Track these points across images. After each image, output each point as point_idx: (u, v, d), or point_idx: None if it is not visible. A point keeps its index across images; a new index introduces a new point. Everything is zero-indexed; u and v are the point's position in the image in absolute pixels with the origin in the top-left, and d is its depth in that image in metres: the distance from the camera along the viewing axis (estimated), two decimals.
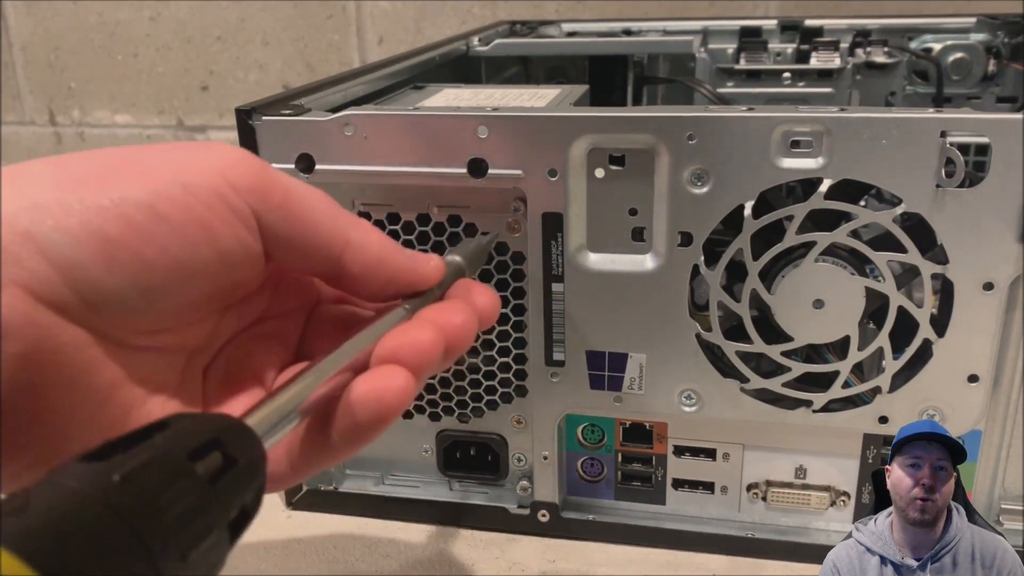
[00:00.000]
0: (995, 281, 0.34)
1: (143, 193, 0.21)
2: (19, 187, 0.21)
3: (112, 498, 0.15)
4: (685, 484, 0.42)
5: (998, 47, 0.65)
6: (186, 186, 0.22)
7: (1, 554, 0.14)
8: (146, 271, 0.21)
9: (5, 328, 0.19)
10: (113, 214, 0.21)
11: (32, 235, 0.20)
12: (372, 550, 0.42)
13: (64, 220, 0.20)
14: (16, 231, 0.20)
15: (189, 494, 0.17)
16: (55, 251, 0.20)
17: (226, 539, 0.18)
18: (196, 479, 0.17)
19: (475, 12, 0.98)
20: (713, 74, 0.68)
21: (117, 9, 1.08)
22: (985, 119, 0.32)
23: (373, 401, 0.23)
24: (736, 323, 0.37)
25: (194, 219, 0.22)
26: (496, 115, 0.36)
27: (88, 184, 0.21)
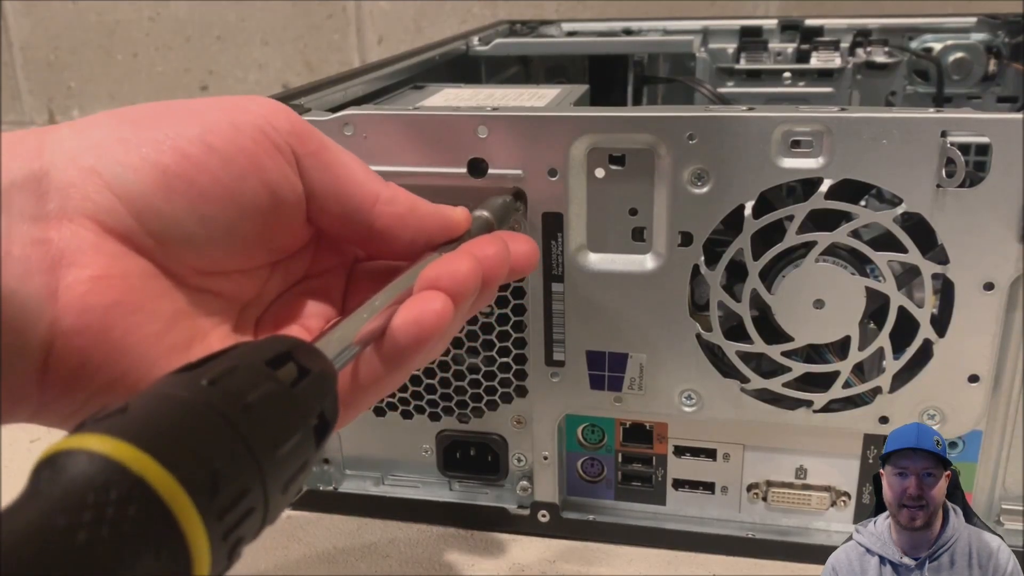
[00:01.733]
0: (995, 281, 0.34)
1: (195, 129, 0.23)
2: (81, 130, 0.22)
3: (204, 396, 0.17)
4: (685, 484, 0.42)
5: (999, 47, 0.65)
6: (233, 123, 0.24)
7: (107, 441, 0.15)
8: (201, 199, 0.23)
9: (73, 256, 0.21)
10: (169, 146, 0.22)
11: (97, 170, 0.22)
12: (372, 550, 0.42)
13: (124, 156, 0.22)
14: (82, 168, 0.21)
15: (272, 394, 0.18)
16: (118, 184, 0.22)
17: (312, 442, 0.19)
18: (277, 381, 0.18)
19: (475, 12, 0.98)
20: (713, 74, 0.68)
21: (117, 9, 1.08)
22: (985, 119, 0.32)
23: (412, 324, 0.24)
24: (736, 323, 0.37)
25: (242, 151, 0.23)
26: (496, 115, 0.36)
27: (144, 124, 0.23)
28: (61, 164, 0.22)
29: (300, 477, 0.19)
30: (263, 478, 0.17)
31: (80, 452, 0.15)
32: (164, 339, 0.23)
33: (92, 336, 0.21)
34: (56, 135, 0.22)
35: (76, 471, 0.14)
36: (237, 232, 0.24)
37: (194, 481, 0.15)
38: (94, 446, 0.15)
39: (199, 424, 0.16)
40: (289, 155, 0.25)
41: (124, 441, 0.15)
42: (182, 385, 0.17)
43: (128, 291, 0.22)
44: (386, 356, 0.24)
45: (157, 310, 0.23)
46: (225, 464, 0.16)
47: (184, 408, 0.16)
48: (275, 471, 0.17)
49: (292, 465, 0.18)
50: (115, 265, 0.22)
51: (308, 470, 0.19)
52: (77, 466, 0.14)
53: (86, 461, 0.15)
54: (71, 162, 0.22)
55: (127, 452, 0.15)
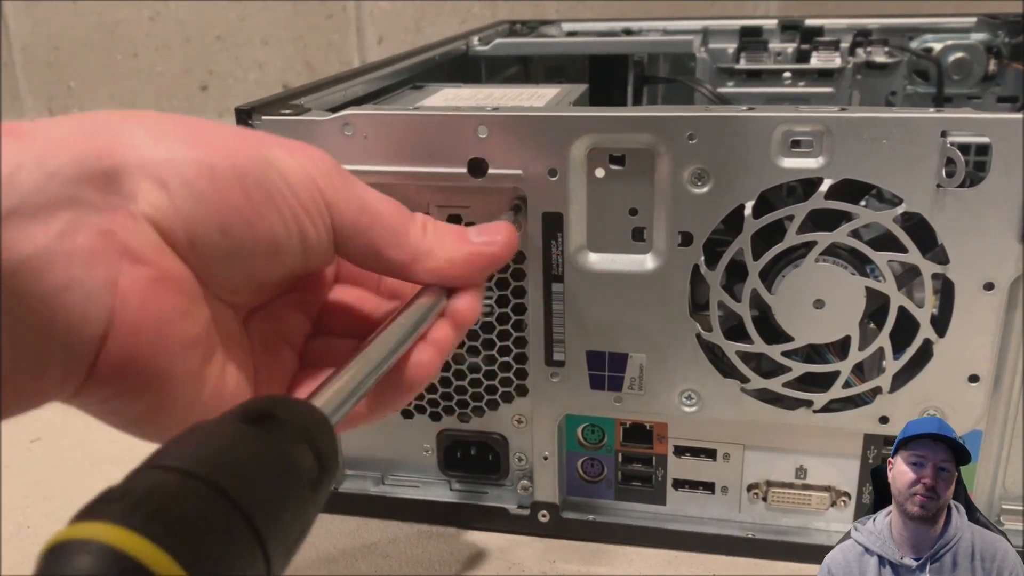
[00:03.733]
0: (995, 281, 0.34)
1: (258, 174, 0.24)
2: (157, 138, 0.23)
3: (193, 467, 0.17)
4: (685, 484, 0.42)
5: (999, 47, 0.65)
6: (289, 183, 0.25)
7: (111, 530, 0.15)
8: (252, 242, 0.24)
9: (137, 252, 0.22)
10: (238, 184, 0.24)
11: (167, 186, 0.22)
12: (372, 550, 0.42)
13: (195, 179, 0.23)
14: (153, 179, 0.22)
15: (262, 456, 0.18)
16: (184, 206, 0.23)
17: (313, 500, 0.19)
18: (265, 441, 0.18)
19: (475, 12, 0.98)
20: (713, 74, 0.68)
21: (117, 9, 1.08)
22: (985, 119, 0.32)
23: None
24: (736, 323, 0.37)
25: (291, 208, 0.25)
26: (496, 115, 0.36)
27: (217, 149, 0.24)
28: (133, 169, 0.22)
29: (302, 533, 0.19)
30: (265, 550, 0.17)
31: (85, 543, 0.15)
32: (196, 348, 0.23)
33: (146, 335, 0.22)
34: (131, 138, 0.23)
35: (81, 564, 0.14)
36: (269, 275, 0.25)
37: (197, 565, 0.15)
38: (97, 535, 0.15)
39: (196, 503, 0.16)
40: (327, 219, 0.26)
41: (126, 529, 0.15)
42: (172, 457, 0.17)
43: (180, 294, 0.23)
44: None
45: (199, 317, 0.23)
46: (224, 541, 0.16)
47: (182, 486, 0.16)
48: (277, 538, 0.17)
49: (294, 529, 0.18)
50: (172, 270, 0.23)
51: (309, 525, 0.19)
52: (82, 559, 0.14)
53: (91, 552, 0.15)
54: (143, 169, 0.22)
55: (130, 541, 0.15)
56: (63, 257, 0.20)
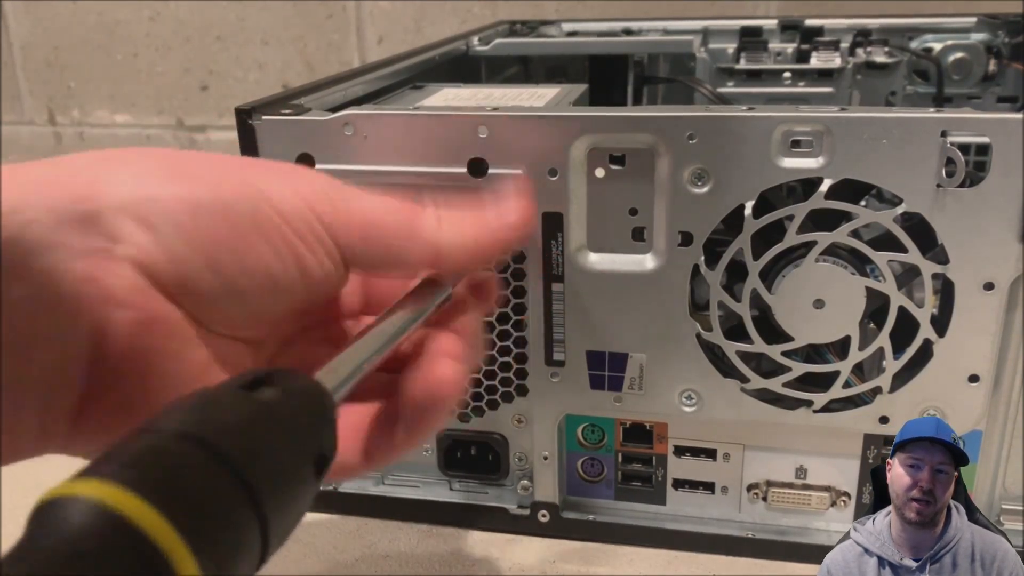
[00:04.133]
0: (995, 281, 0.34)
1: (248, 207, 0.23)
2: (137, 176, 0.22)
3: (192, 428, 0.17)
4: (685, 484, 0.42)
5: (999, 47, 0.65)
6: (280, 211, 0.23)
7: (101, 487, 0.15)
8: (243, 277, 0.23)
9: (120, 296, 0.21)
10: (223, 221, 0.23)
11: (148, 222, 0.22)
12: (372, 550, 0.42)
13: (177, 215, 0.22)
14: (133, 216, 0.21)
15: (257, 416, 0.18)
16: (168, 244, 0.22)
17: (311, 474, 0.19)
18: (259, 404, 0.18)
19: (475, 12, 0.98)
20: (713, 74, 0.67)
21: (117, 9, 1.08)
22: (986, 119, 0.32)
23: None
24: (736, 323, 0.37)
25: (284, 239, 0.23)
26: (496, 115, 0.36)
27: (197, 185, 0.23)
28: (114, 210, 0.21)
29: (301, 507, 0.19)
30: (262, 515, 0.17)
31: (74, 499, 0.15)
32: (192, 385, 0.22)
33: (133, 379, 0.21)
34: (111, 176, 0.22)
35: (71, 520, 0.14)
36: (269, 307, 0.24)
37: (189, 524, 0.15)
38: (88, 492, 0.15)
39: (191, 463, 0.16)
40: (329, 245, 0.25)
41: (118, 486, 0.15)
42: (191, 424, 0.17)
43: (168, 337, 0.22)
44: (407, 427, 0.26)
45: (191, 358, 0.23)
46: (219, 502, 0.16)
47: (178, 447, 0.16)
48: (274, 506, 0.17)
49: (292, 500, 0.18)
50: (158, 310, 0.22)
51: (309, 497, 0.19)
52: (72, 515, 0.14)
53: (81, 509, 0.14)
54: (123, 209, 0.22)
55: (121, 498, 0.15)
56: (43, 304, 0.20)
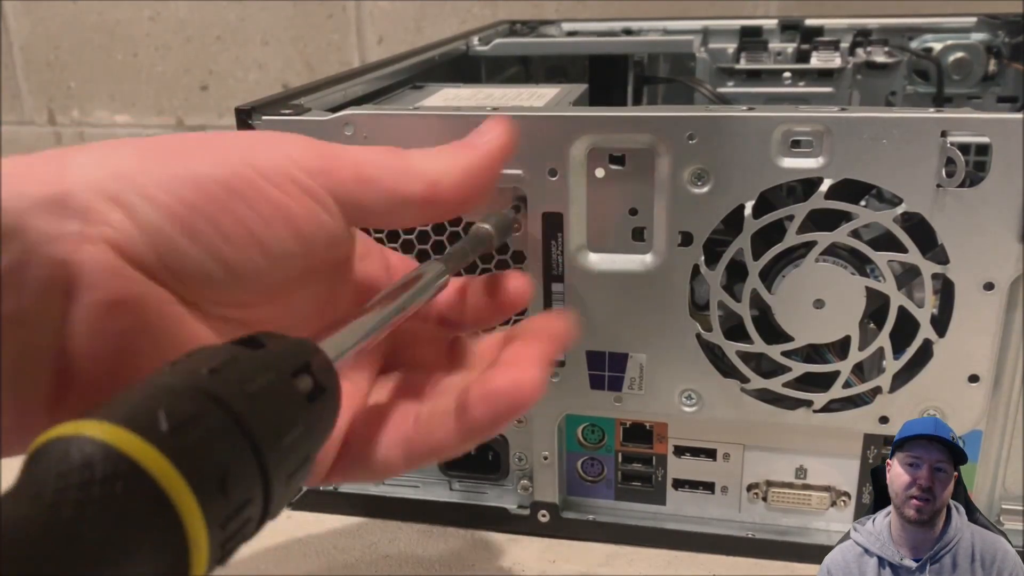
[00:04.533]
0: (995, 281, 0.34)
1: (219, 170, 0.22)
2: (104, 156, 0.22)
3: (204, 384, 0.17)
4: (685, 484, 0.42)
5: (999, 47, 0.65)
6: (257, 168, 0.23)
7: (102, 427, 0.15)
8: (224, 242, 0.22)
9: (89, 278, 0.20)
10: (192, 185, 0.22)
11: (119, 199, 0.21)
12: (372, 550, 0.42)
13: (147, 188, 0.21)
14: (104, 195, 0.21)
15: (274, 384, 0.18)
16: (139, 215, 0.21)
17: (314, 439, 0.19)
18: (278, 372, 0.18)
19: (475, 12, 0.98)
20: (713, 74, 0.67)
21: (117, 9, 1.08)
22: (986, 119, 0.32)
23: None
24: (736, 323, 0.37)
25: (267, 199, 0.23)
26: (496, 115, 0.36)
27: (168, 157, 0.22)
28: (82, 189, 0.21)
29: (303, 471, 0.19)
30: (265, 469, 0.17)
31: (74, 438, 0.15)
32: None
33: (105, 361, 0.21)
34: (78, 160, 0.22)
35: (74, 456, 0.14)
36: (264, 278, 0.23)
37: (193, 469, 0.15)
38: (88, 431, 0.15)
39: (197, 412, 0.16)
40: (323, 197, 0.24)
41: (119, 426, 0.15)
42: (181, 374, 0.17)
43: (143, 316, 0.21)
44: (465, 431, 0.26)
45: (175, 337, 0.22)
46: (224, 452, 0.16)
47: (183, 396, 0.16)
48: (278, 462, 0.17)
49: (295, 458, 0.18)
50: (131, 290, 0.21)
51: (311, 464, 0.19)
52: (75, 452, 0.15)
53: (80, 445, 0.15)
54: (93, 188, 0.21)
55: (126, 438, 0.15)
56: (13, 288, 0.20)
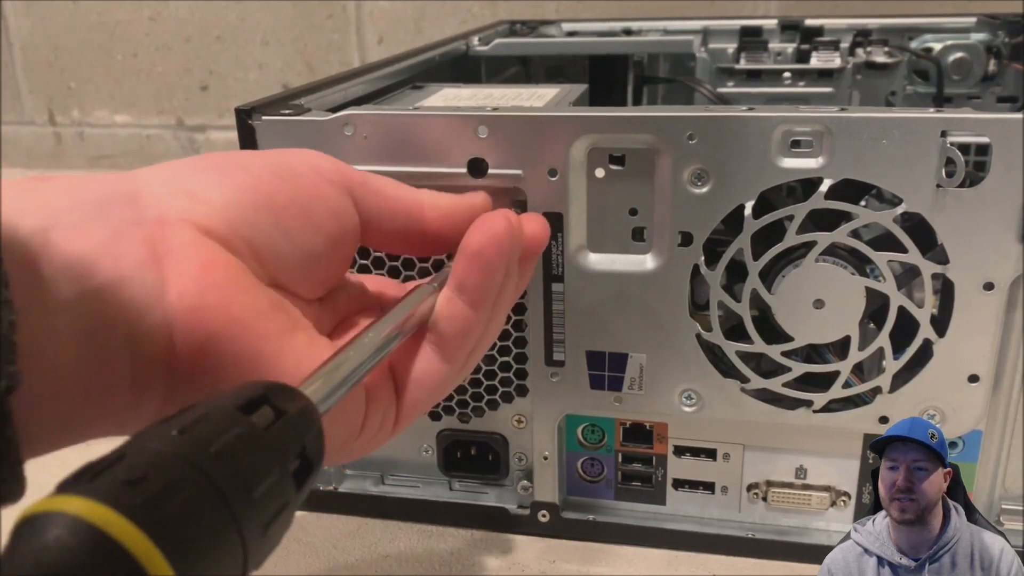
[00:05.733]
0: (995, 281, 0.34)
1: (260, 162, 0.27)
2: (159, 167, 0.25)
3: (174, 447, 0.17)
4: (685, 484, 0.42)
5: (999, 47, 0.65)
6: (290, 164, 0.27)
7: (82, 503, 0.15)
8: (283, 213, 0.26)
9: (180, 249, 0.23)
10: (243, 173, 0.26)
11: (186, 188, 0.25)
12: (372, 550, 0.42)
13: (207, 176, 0.25)
14: (172, 187, 0.24)
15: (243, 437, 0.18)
16: (208, 196, 0.25)
17: (291, 483, 0.19)
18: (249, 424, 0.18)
19: (475, 12, 0.98)
20: (713, 74, 0.68)
21: (117, 9, 1.08)
22: (985, 119, 0.32)
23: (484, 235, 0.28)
24: (736, 323, 0.37)
25: (306, 182, 0.27)
26: (496, 115, 0.36)
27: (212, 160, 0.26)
28: (151, 186, 0.24)
29: (280, 520, 0.18)
30: (238, 525, 0.17)
31: (55, 515, 0.15)
32: (273, 319, 0.24)
33: (213, 312, 0.23)
34: (138, 172, 0.25)
35: (51, 535, 0.14)
36: (312, 249, 0.27)
37: (169, 540, 0.15)
38: (69, 508, 0.15)
39: (171, 476, 0.16)
40: (342, 188, 0.28)
41: (100, 503, 0.15)
42: (154, 437, 0.17)
43: (235, 276, 0.24)
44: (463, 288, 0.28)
45: (260, 296, 0.24)
46: (197, 514, 0.16)
47: (156, 461, 0.16)
48: (250, 515, 0.17)
49: (269, 508, 0.18)
50: (219, 257, 0.24)
51: (290, 513, 0.19)
52: (52, 530, 0.15)
53: (61, 524, 0.15)
54: (160, 184, 0.24)
55: (103, 515, 0.15)
56: (111, 258, 0.22)
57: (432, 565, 0.41)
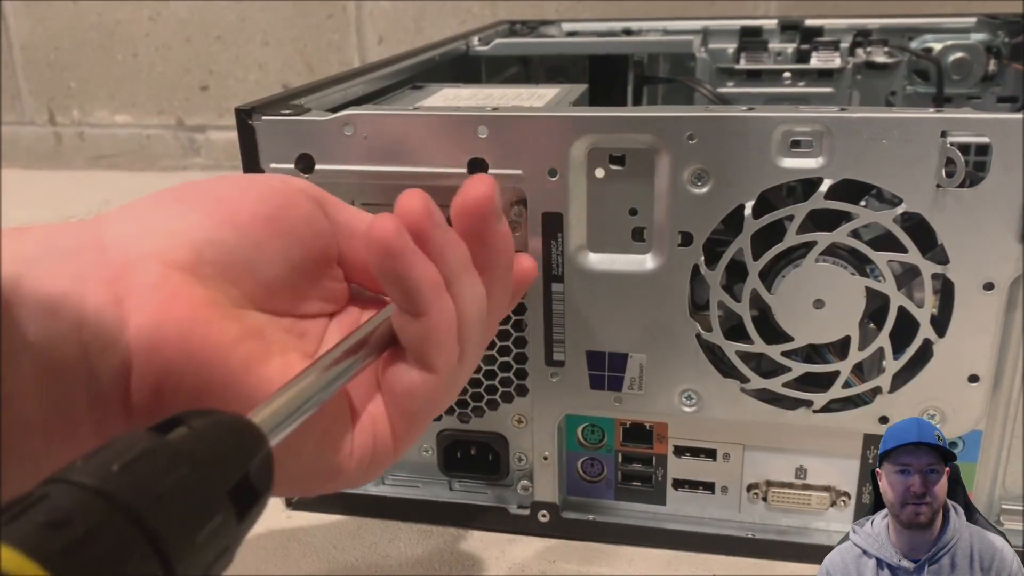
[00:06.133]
0: (995, 281, 0.34)
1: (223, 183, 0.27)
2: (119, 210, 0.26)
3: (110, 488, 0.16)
4: (685, 484, 0.42)
5: (998, 47, 0.65)
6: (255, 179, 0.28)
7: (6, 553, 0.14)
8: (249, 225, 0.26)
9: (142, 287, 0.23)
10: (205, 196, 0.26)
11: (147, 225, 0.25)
12: (372, 550, 0.42)
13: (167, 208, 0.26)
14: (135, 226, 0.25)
15: (185, 479, 0.17)
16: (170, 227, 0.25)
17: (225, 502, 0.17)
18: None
19: (475, 12, 0.98)
20: (713, 74, 0.68)
21: (117, 9, 1.08)
22: (985, 119, 0.32)
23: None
24: (736, 323, 0.37)
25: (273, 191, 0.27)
26: (496, 115, 0.36)
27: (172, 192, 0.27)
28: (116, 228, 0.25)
29: (222, 560, 0.17)
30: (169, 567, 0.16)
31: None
32: (239, 349, 0.24)
33: (170, 347, 0.23)
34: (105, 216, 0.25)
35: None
36: (289, 257, 0.26)
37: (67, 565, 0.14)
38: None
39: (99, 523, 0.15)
40: (311, 198, 0.28)
41: (16, 551, 0.14)
42: (91, 473, 0.16)
43: (197, 308, 0.24)
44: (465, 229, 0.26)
45: (227, 326, 0.24)
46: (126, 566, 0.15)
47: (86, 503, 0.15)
48: (189, 563, 0.16)
49: (211, 551, 0.17)
50: (182, 291, 0.24)
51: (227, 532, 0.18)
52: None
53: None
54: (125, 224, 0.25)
55: (12, 560, 0.14)
56: (74, 299, 0.22)
57: (432, 565, 0.41)
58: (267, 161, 0.38)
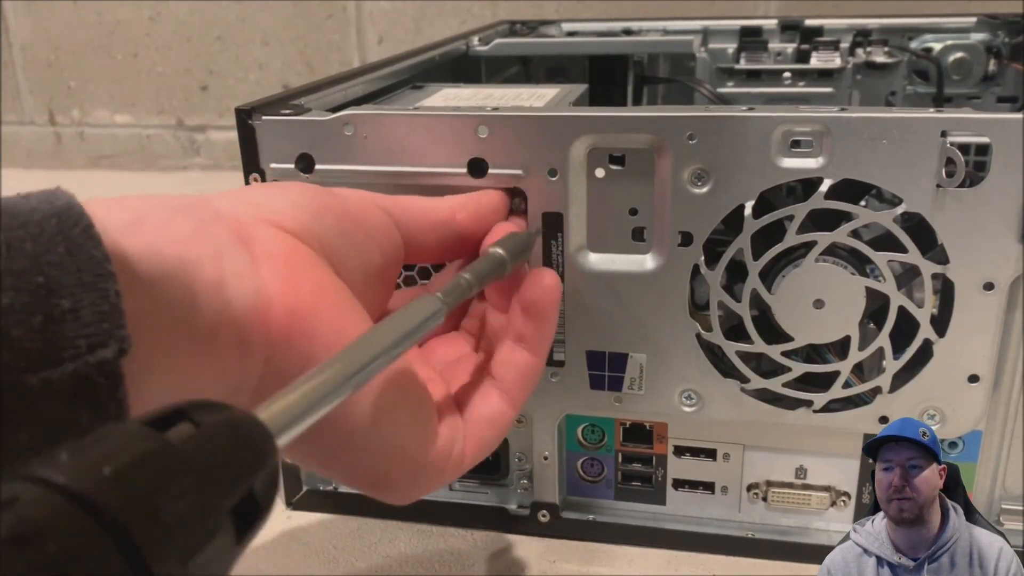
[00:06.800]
0: (995, 281, 0.34)
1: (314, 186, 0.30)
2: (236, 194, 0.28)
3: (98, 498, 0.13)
4: (685, 484, 0.42)
5: (998, 47, 0.65)
6: (335, 189, 0.30)
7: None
8: (343, 216, 0.29)
9: (266, 240, 0.25)
10: (301, 190, 0.29)
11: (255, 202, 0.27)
12: (372, 550, 0.42)
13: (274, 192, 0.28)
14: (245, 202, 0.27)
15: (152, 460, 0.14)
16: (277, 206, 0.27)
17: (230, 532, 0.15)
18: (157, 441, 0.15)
19: (475, 12, 0.98)
20: (713, 74, 0.68)
21: (117, 9, 1.08)
22: (985, 119, 0.32)
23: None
24: (736, 323, 0.37)
25: (354, 200, 0.30)
26: (496, 115, 0.36)
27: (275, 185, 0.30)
28: (219, 200, 0.26)
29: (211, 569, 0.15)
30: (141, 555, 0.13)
31: None
32: (355, 300, 0.27)
33: (304, 283, 0.25)
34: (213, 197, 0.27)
35: None
36: (372, 261, 0.30)
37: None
38: None
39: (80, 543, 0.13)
40: (382, 209, 0.31)
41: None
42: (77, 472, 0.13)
43: (318, 259, 0.26)
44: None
45: (340, 281, 0.27)
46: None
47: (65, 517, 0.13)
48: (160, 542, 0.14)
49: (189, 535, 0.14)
50: (299, 246, 0.26)
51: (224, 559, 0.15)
52: None
53: None
54: (227, 199, 0.27)
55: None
56: (203, 237, 0.24)
57: (432, 565, 0.41)
58: (267, 161, 0.38)
